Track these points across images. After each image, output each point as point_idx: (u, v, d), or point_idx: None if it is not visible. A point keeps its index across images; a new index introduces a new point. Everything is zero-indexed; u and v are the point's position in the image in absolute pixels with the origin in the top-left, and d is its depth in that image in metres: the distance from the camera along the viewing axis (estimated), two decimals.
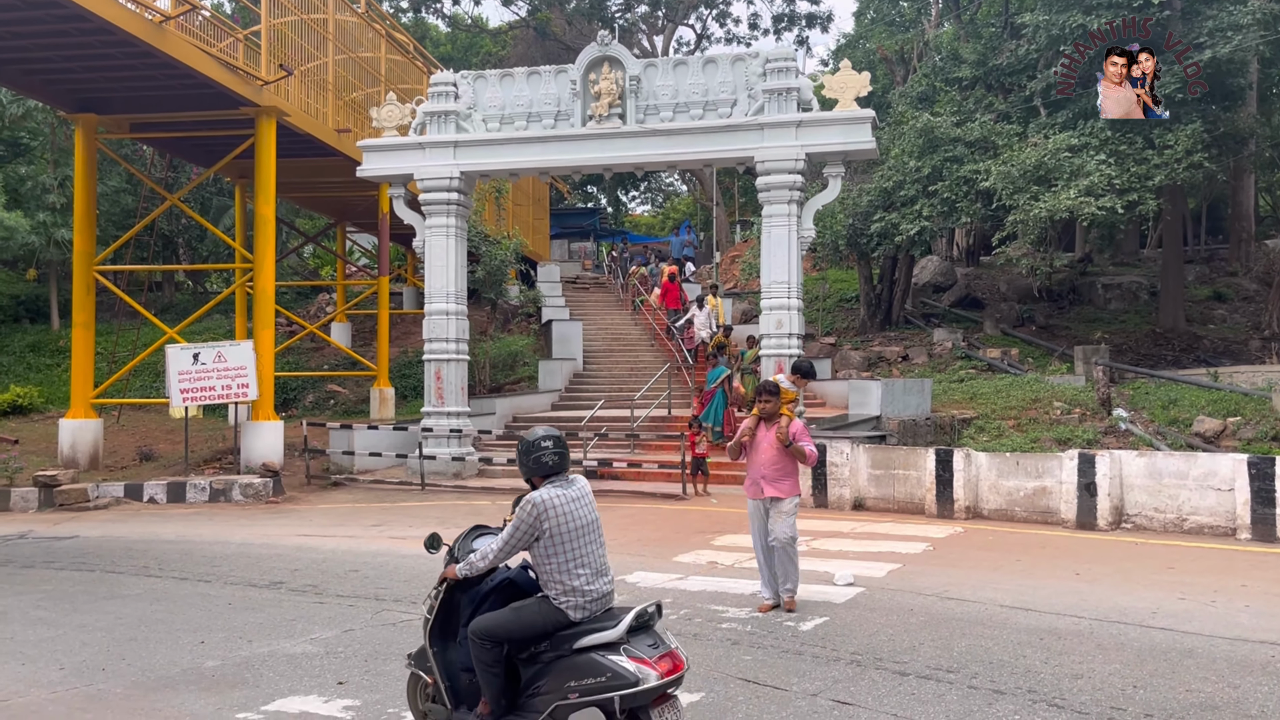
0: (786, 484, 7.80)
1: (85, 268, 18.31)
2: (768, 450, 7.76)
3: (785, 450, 7.72)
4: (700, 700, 5.67)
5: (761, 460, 7.79)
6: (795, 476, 7.89)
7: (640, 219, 58.49)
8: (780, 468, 7.76)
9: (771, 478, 7.76)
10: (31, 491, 15.33)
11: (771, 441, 7.73)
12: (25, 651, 7.15)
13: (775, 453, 7.73)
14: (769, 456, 7.75)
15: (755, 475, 7.84)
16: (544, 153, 17.06)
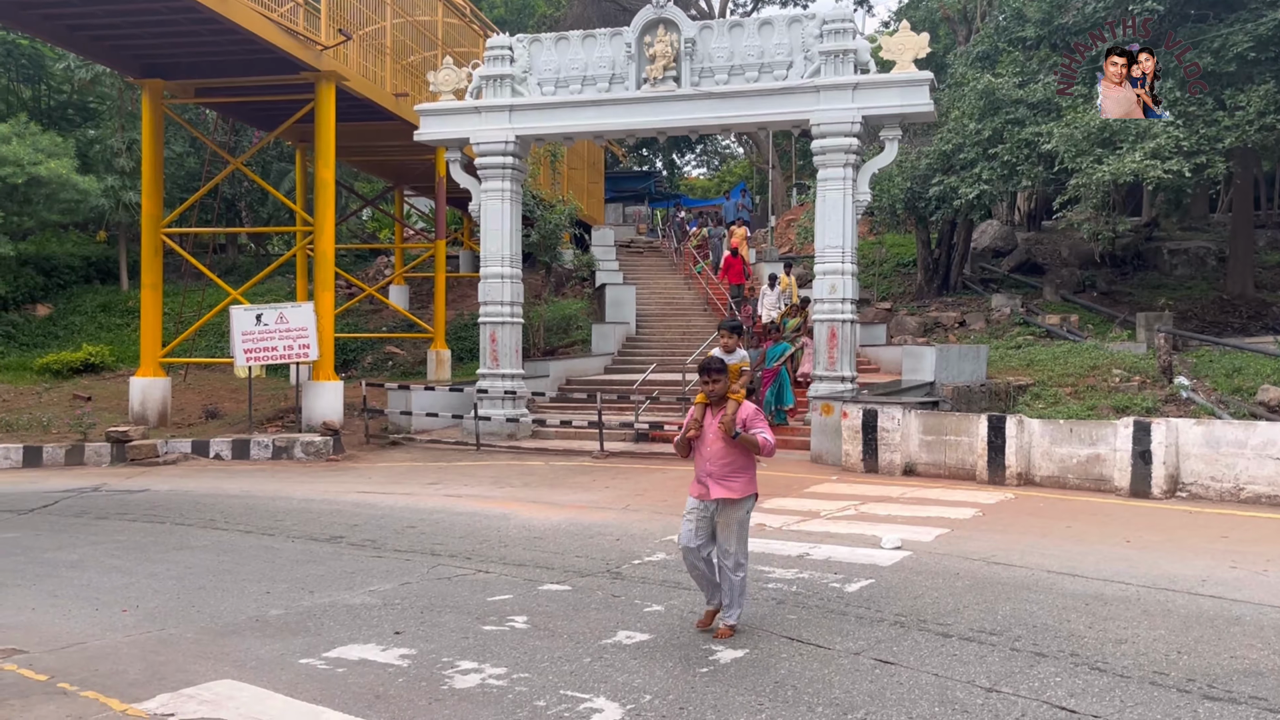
0: (739, 481, 6.32)
1: (153, 230, 18.81)
2: (714, 441, 6.31)
3: (732, 441, 6.25)
4: (743, 656, 5.81)
5: (708, 453, 6.35)
6: (751, 472, 6.41)
7: (696, 182, 58.23)
8: (729, 462, 6.29)
9: (719, 474, 6.29)
10: (104, 446, 15.91)
11: (717, 430, 6.30)
12: (101, 598, 7.51)
13: (724, 444, 6.28)
14: (716, 449, 6.30)
15: (700, 471, 6.41)
16: (598, 116, 17.09)
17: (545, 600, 7.17)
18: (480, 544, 9.28)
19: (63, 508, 11.75)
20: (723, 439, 6.26)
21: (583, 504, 11.25)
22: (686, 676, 5.47)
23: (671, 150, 53.01)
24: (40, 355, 24.72)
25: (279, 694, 5.35)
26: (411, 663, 5.83)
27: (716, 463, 6.30)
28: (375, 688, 5.41)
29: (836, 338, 15.86)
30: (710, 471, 6.32)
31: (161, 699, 5.30)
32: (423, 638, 6.32)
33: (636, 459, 15.31)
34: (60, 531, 10.21)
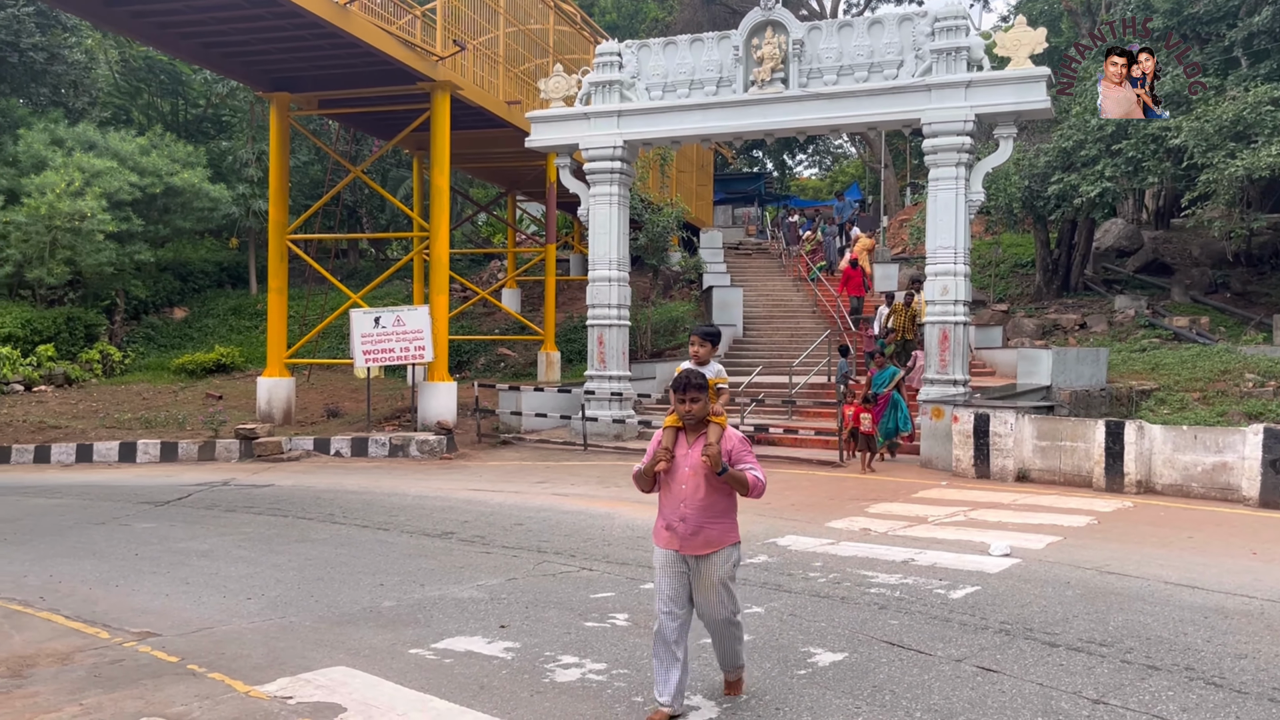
0: (719, 527, 5.03)
1: (279, 236, 19.67)
2: (690, 477, 4.98)
3: (715, 479, 4.94)
4: (843, 660, 5.79)
5: (681, 492, 5.00)
6: (733, 516, 5.13)
7: (806, 182, 57.71)
8: (708, 504, 4.97)
9: (695, 519, 4.96)
10: (234, 443, 16.71)
11: (695, 464, 4.96)
12: (228, 585, 7.93)
13: (703, 481, 4.96)
14: (692, 486, 4.98)
15: (671, 514, 5.04)
16: (706, 120, 17.14)
17: (646, 599, 7.27)
18: (585, 542, 9.44)
19: (195, 500, 12.40)
20: (703, 474, 4.92)
21: None
22: (783, 678, 5.49)
23: (782, 151, 52.67)
24: (177, 356, 26.08)
25: (389, 681, 5.57)
26: (515, 655, 6.00)
27: (692, 504, 4.94)
28: (480, 679, 5.59)
29: (948, 340, 15.56)
30: (684, 515, 4.95)
31: (281, 682, 5.58)
32: (527, 632, 6.49)
33: None
34: (192, 523, 10.79)
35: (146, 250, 26.11)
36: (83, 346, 24.82)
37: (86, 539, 9.88)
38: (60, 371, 23.05)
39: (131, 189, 24.71)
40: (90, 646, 6.39)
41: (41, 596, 7.68)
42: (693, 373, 5.02)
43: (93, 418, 19.65)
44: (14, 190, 23.89)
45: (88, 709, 5.25)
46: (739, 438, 5.04)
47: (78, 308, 25.47)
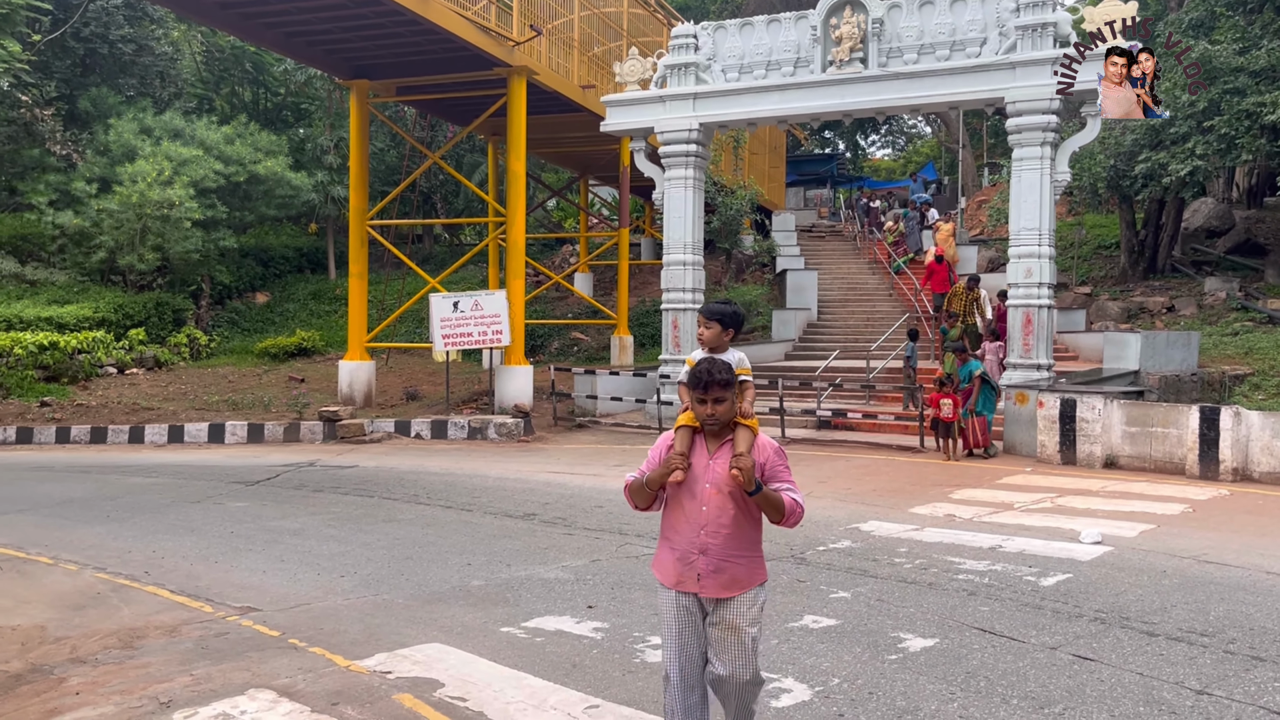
0: (745, 564, 3.91)
1: (359, 222, 20.02)
2: (713, 495, 3.85)
3: (744, 500, 3.84)
4: (934, 646, 5.75)
5: (700, 514, 3.87)
6: (760, 548, 4.01)
7: (880, 163, 56.91)
8: (733, 532, 3.87)
9: (719, 552, 3.85)
10: (317, 425, 17.10)
11: (720, 480, 3.84)
12: (321, 563, 8.14)
13: (727, 502, 3.85)
14: (715, 507, 3.85)
15: (686, 544, 3.89)
16: (782, 101, 17.00)
17: None
18: None
19: (283, 481, 12.74)
20: (729, 494, 3.80)
21: None
22: (875, 662, 5.47)
23: (855, 132, 51.96)
24: (260, 340, 26.75)
25: (483, 659, 5.68)
26: (604, 635, 6.07)
27: (716, 531, 3.80)
28: (572, 657, 5.67)
29: (1032, 324, 15.25)
30: (705, 546, 3.81)
31: (379, 658, 5.73)
32: (614, 612, 6.55)
33: (819, 446, 15.22)
34: (283, 502, 11.09)
35: (230, 237, 26.78)
36: (171, 330, 25.58)
37: (185, 516, 10.23)
38: (150, 355, 23.80)
39: (216, 177, 25.35)
40: (195, 620, 6.62)
41: (146, 571, 7.97)
42: (716, 364, 3.80)
43: (182, 400, 20.27)
44: (106, 179, 24.68)
45: (198, 679, 5.44)
46: (774, 447, 3.90)
47: (166, 293, 26.24)
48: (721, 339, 4.33)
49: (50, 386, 20.33)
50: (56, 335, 21.16)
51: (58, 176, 25.51)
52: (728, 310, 4.38)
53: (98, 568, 8.12)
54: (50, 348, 20.74)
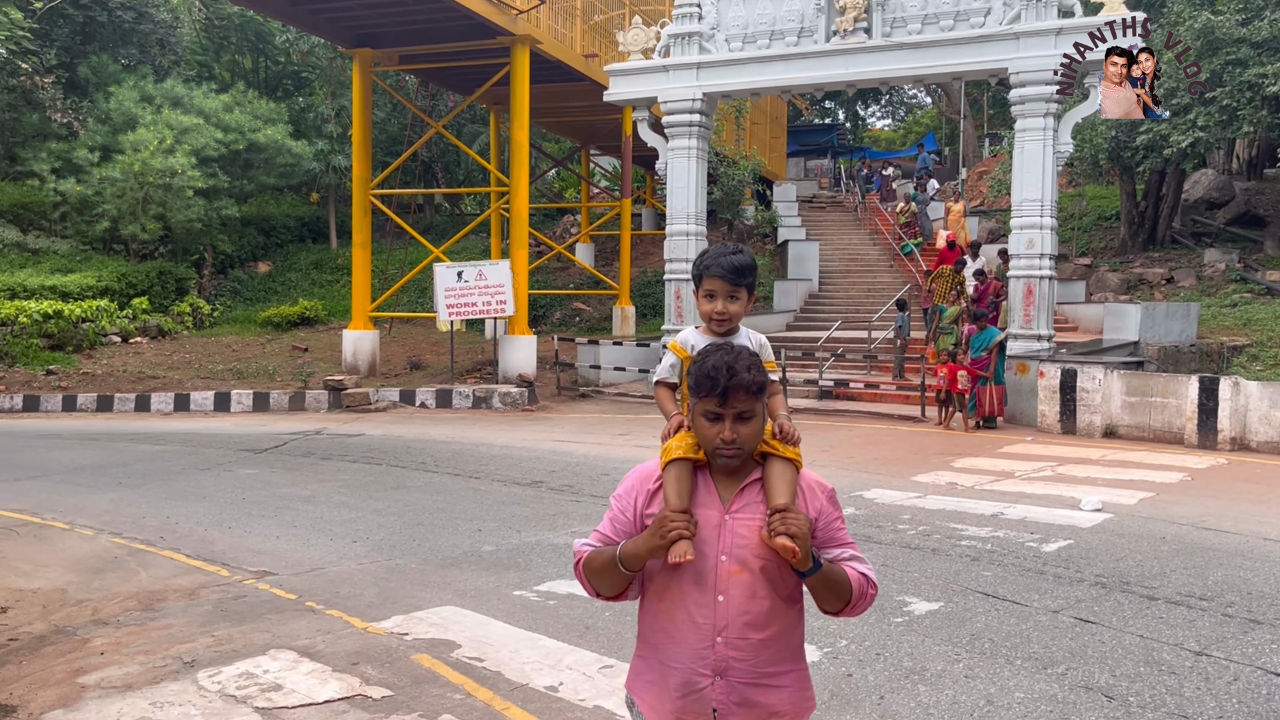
0: (786, 690, 2.45)
1: (363, 192, 20.03)
2: (735, 579, 2.38)
3: (789, 584, 2.42)
4: (939, 609, 5.88)
5: (713, 615, 2.38)
6: (803, 661, 2.54)
7: (880, 133, 56.68)
8: (769, 638, 2.41)
9: (745, 673, 2.39)
10: (322, 394, 17.21)
11: (747, 552, 2.38)
12: (333, 529, 8.27)
13: (757, 587, 2.38)
14: (740, 600, 2.38)
15: (688, 658, 2.41)
16: (786, 71, 16.97)
17: None
18: None
19: (291, 448, 12.86)
20: (761, 571, 2.39)
21: None
22: (881, 625, 5.60)
23: (855, 102, 51.76)
24: (262, 309, 26.79)
25: (498, 621, 5.81)
26: None
27: (740, 635, 2.39)
28: (585, 620, 5.80)
29: (1033, 294, 15.33)
30: (722, 663, 2.39)
31: (395, 620, 5.86)
32: None
33: (821, 415, 15.34)
34: (292, 470, 11.21)
35: (232, 206, 26.74)
36: (174, 299, 25.62)
37: (196, 483, 10.35)
38: (154, 324, 23.85)
39: (217, 145, 25.28)
40: (213, 584, 6.75)
41: (161, 536, 8.10)
42: (739, 356, 2.36)
43: (187, 368, 20.36)
44: (108, 147, 24.61)
45: (219, 640, 5.57)
46: (825, 490, 2.51)
47: (169, 262, 26.25)
48: (742, 312, 2.82)
49: (55, 355, 20.41)
50: (60, 304, 21.20)
51: (59, 144, 25.44)
52: (747, 263, 2.80)
53: (113, 533, 8.24)
54: (55, 316, 20.80)
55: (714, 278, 2.77)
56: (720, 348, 2.39)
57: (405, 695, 4.77)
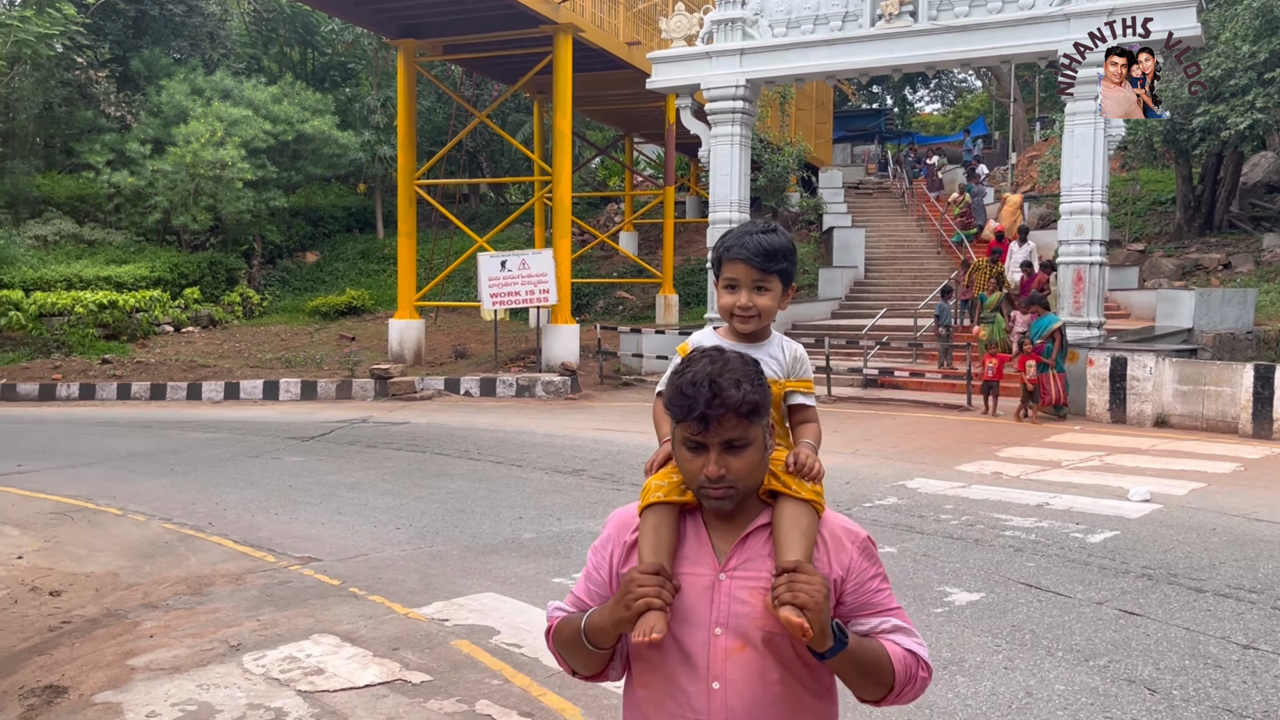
0: None
1: (408, 182, 20.19)
2: (733, 658, 1.82)
3: (805, 664, 1.85)
4: (979, 600, 5.82)
5: (705, 704, 1.82)
6: None
7: (929, 118, 55.96)
8: None
9: None
10: (369, 382, 17.42)
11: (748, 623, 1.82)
12: (377, 516, 8.37)
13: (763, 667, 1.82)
14: (740, 685, 1.82)
15: None
16: (831, 56, 16.81)
17: None
18: None
19: (337, 436, 13.03)
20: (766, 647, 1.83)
21: None
22: (920, 615, 5.56)
23: (903, 86, 51.14)
24: (310, 298, 27.15)
25: (536, 608, 5.85)
26: None
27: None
28: None
29: (1083, 281, 15.07)
30: None
31: (436, 606, 5.92)
32: None
33: (865, 404, 15.22)
34: (338, 457, 11.37)
35: (280, 197, 27.11)
36: (224, 289, 26.05)
37: (244, 470, 10.53)
38: (205, 313, 24.28)
39: (266, 137, 25.63)
40: (259, 569, 6.87)
41: (210, 522, 8.26)
42: (726, 364, 1.84)
43: (237, 357, 20.71)
44: (160, 139, 25.05)
45: (265, 624, 5.68)
46: (856, 540, 1.95)
47: (219, 252, 26.69)
48: (772, 309, 2.16)
49: (110, 344, 20.86)
50: (115, 294, 21.66)
51: (113, 137, 25.95)
52: (785, 247, 2.15)
53: (164, 518, 8.42)
54: (110, 306, 21.26)
55: (736, 261, 2.12)
56: (706, 354, 1.86)
57: (444, 680, 4.83)
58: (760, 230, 2.16)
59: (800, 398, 2.18)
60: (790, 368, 2.19)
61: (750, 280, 2.13)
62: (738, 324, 2.17)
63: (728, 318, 2.19)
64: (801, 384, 2.20)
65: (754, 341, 2.19)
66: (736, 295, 2.15)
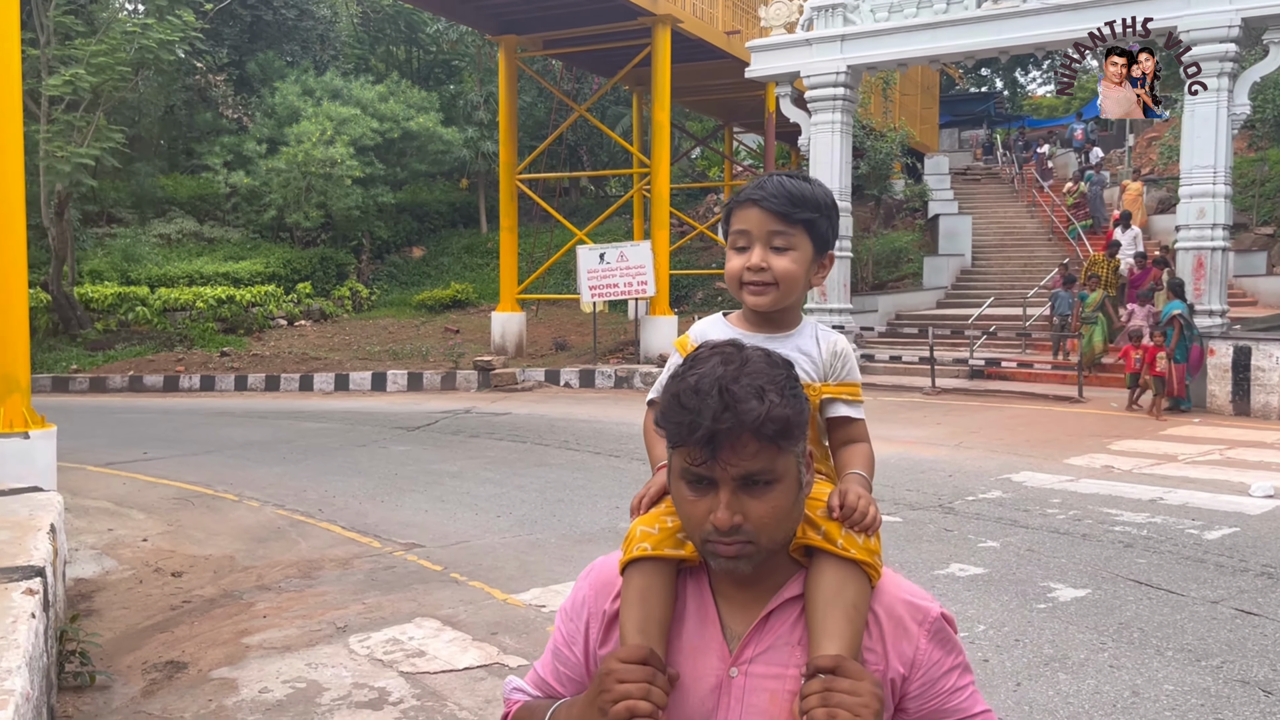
0: None
1: (509, 177, 20.51)
2: None
3: None
4: (1085, 596, 5.64)
5: None
6: None
7: (1041, 101, 54.15)
8: None
9: None
10: (472, 374, 17.77)
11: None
12: (478, 504, 8.55)
13: None
14: None
15: None
16: (934, 40, 16.42)
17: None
18: None
19: (441, 426, 13.34)
20: None
21: (913, 439, 11.16)
22: (1022, 611, 5.42)
23: (1013, 68, 49.64)
24: (416, 292, 27.82)
25: None
26: None
27: None
28: None
29: (1204, 267, 14.41)
30: None
31: (534, 592, 6.03)
32: None
33: (970, 396, 14.87)
34: (441, 447, 11.64)
35: (388, 193, 27.85)
36: (334, 284, 26.90)
37: (352, 459, 10.88)
38: (317, 307, 25.12)
39: (373, 135, 26.35)
40: (365, 554, 7.10)
41: (320, 508, 8.56)
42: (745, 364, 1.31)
43: (346, 350, 21.36)
44: (274, 139, 26.00)
45: (369, 608, 5.86)
46: (927, 620, 1.42)
47: (329, 248, 27.56)
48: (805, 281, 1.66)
49: (228, 338, 21.76)
50: (233, 289, 22.59)
51: (230, 139, 27.03)
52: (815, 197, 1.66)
53: (277, 505, 8.75)
54: (227, 301, 22.17)
55: (748, 206, 1.61)
56: (718, 351, 1.34)
57: None
58: (787, 175, 1.67)
59: (845, 408, 1.62)
60: (829, 366, 1.63)
61: (765, 232, 1.59)
62: (749, 296, 1.62)
63: (736, 289, 1.65)
64: (846, 389, 1.63)
65: (778, 330, 1.64)
66: (746, 256, 1.62)
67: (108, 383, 18.73)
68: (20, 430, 6.77)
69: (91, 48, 18.57)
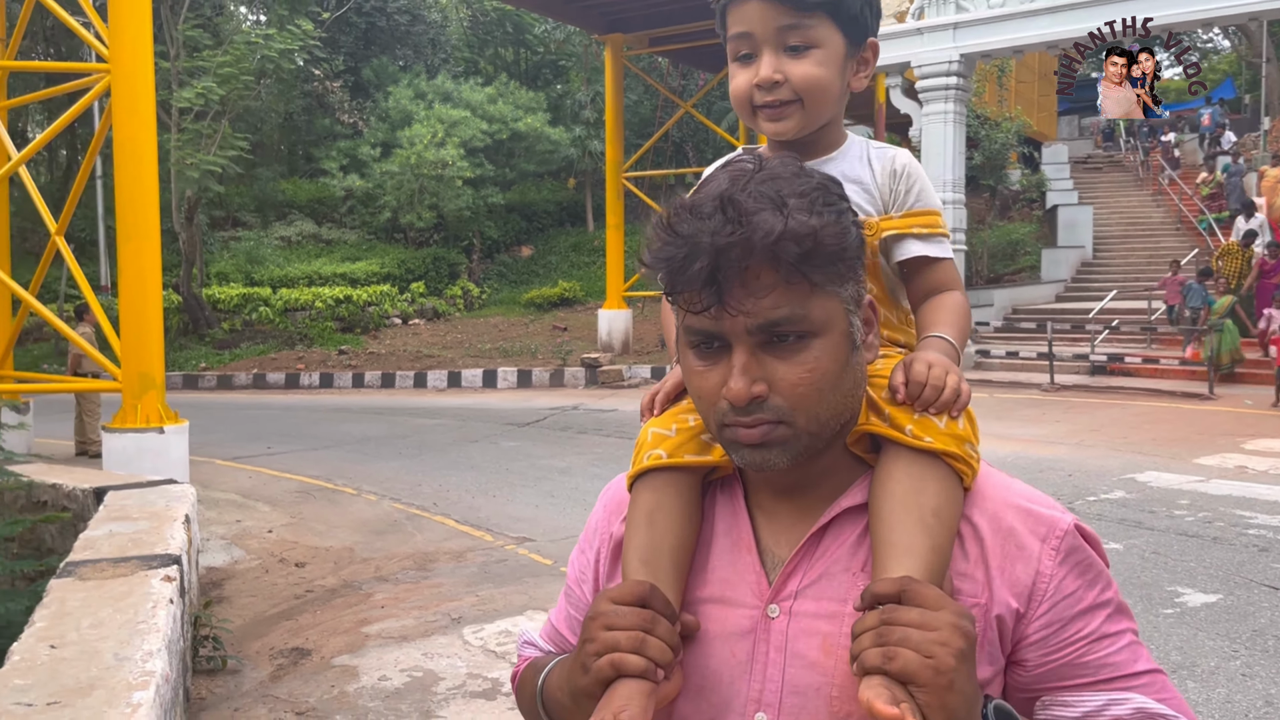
0: None
1: (615, 175, 20.65)
2: None
3: None
4: (1216, 602, 5.40)
5: None
6: None
7: (1167, 84, 51.78)
8: None
9: None
10: (579, 371, 17.97)
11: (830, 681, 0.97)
12: (587, 499, 8.63)
13: None
14: None
15: None
16: (1052, 24, 15.88)
17: None
18: None
19: (549, 423, 13.52)
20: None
21: (1031, 438, 10.82)
22: (1148, 615, 5.21)
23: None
24: (525, 291, 28.25)
25: None
26: None
27: None
28: None
29: None
30: None
31: None
32: None
33: (1091, 393, 14.35)
34: (550, 443, 11.80)
35: (497, 193, 28.36)
36: (447, 283, 27.53)
37: (465, 454, 11.12)
38: (430, 306, 25.75)
39: (483, 136, 26.86)
40: (478, 548, 7.25)
41: (434, 503, 8.78)
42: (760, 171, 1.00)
43: (458, 347, 21.84)
44: (387, 143, 26.75)
45: (482, 600, 5.99)
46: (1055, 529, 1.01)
47: (441, 248, 28.22)
48: (841, 86, 1.21)
49: (345, 336, 22.49)
50: (350, 289, 23.33)
51: (346, 143, 27.92)
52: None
53: (393, 498, 9.01)
54: (345, 301, 22.92)
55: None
56: (730, 166, 1.06)
57: None
58: None
59: (918, 245, 1.20)
60: (890, 192, 1.21)
61: (773, 30, 1.16)
62: (766, 122, 1.21)
63: (749, 115, 1.23)
64: (917, 218, 1.20)
65: (814, 155, 1.21)
66: (754, 64, 1.19)
67: (233, 380, 19.58)
68: (156, 426, 7.13)
69: (218, 59, 19.42)
